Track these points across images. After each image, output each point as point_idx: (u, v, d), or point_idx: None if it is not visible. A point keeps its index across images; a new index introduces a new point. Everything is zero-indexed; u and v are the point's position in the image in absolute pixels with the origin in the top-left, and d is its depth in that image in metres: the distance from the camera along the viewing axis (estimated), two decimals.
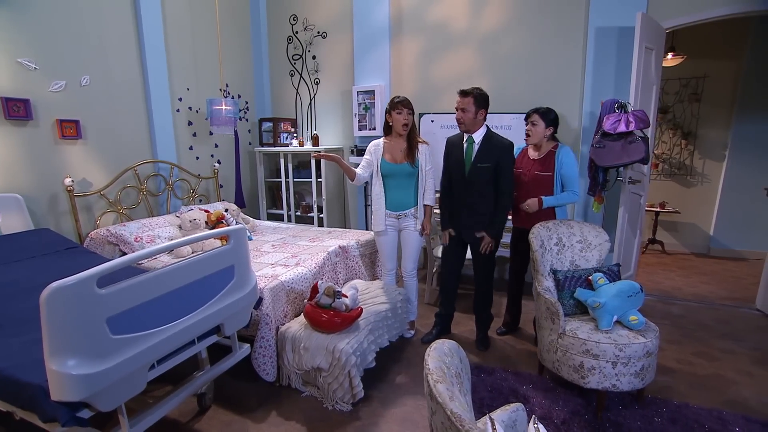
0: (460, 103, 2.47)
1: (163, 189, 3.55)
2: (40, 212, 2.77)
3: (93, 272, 1.30)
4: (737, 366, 2.54)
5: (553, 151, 2.61)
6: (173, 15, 3.60)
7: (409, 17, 3.92)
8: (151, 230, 2.97)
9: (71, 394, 1.26)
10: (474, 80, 3.74)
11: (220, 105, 3.55)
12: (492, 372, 2.48)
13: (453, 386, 0.99)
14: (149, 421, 1.60)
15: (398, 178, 2.64)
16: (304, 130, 4.52)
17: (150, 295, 1.50)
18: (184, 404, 2.20)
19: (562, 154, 2.58)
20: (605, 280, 2.26)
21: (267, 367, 2.25)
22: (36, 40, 2.70)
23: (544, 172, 2.61)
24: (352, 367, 2.08)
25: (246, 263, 1.94)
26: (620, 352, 2.00)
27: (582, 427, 2.02)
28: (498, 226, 2.54)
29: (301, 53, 4.38)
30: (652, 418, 2.07)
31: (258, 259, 2.77)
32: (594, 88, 3.39)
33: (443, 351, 1.08)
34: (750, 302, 3.38)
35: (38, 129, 2.73)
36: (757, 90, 4.24)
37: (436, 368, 0.96)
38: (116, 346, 1.38)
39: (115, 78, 3.18)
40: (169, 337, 1.56)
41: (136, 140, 3.38)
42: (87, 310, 1.30)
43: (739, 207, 4.51)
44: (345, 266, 2.98)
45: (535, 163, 2.65)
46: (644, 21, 2.93)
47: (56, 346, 1.25)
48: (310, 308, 2.20)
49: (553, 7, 3.46)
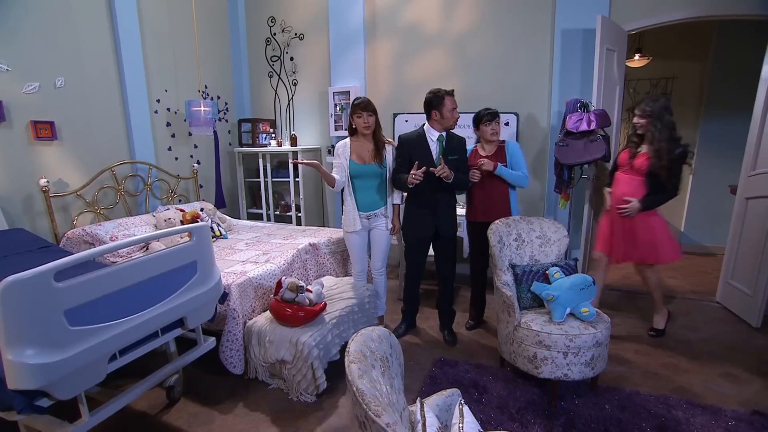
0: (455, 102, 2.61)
1: (141, 189, 3.60)
2: (14, 212, 2.82)
3: (49, 267, 1.37)
4: (690, 355, 2.65)
5: (501, 146, 2.82)
6: (150, 17, 3.65)
7: (383, 19, 4.00)
8: (127, 229, 3.03)
9: (27, 383, 1.33)
10: (446, 81, 3.83)
11: (198, 106, 3.61)
12: (455, 365, 2.57)
13: (374, 369, 1.07)
14: (110, 410, 1.67)
15: (367, 179, 2.70)
16: (283, 130, 4.58)
17: (109, 289, 1.57)
18: (153, 397, 2.27)
19: (511, 146, 2.82)
20: (561, 274, 2.36)
21: (234, 361, 2.32)
22: (8, 42, 2.74)
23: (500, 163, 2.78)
24: (315, 360, 2.16)
25: (209, 259, 2.01)
26: (571, 342, 2.09)
27: (536, 414, 2.11)
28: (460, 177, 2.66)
29: (279, 55, 4.45)
30: (603, 406, 2.17)
31: (230, 257, 2.84)
32: (561, 89, 3.49)
33: (370, 337, 1.16)
34: (711, 295, 3.50)
35: (12, 130, 2.78)
36: (721, 91, 4.37)
37: (356, 351, 1.04)
38: (74, 337, 1.45)
39: (90, 79, 3.23)
40: (128, 329, 1.63)
41: (113, 141, 3.43)
42: (44, 302, 1.36)
43: (707, 204, 4.64)
44: (315, 263, 3.05)
45: (489, 159, 2.76)
46: (604, 23, 3.04)
47: (12, 337, 1.31)
48: (275, 303, 2.27)
49: (521, 10, 3.56)
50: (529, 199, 3.77)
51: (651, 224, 2.69)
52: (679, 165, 2.57)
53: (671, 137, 2.55)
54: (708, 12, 3.09)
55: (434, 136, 2.62)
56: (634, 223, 2.71)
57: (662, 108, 2.56)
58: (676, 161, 2.54)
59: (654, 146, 2.56)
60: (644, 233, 2.69)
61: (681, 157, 2.55)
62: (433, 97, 2.56)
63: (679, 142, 2.57)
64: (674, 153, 2.52)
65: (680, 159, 2.56)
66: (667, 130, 2.55)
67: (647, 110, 2.59)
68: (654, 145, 2.56)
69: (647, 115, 2.59)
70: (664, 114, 2.56)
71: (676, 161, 2.54)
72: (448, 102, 2.55)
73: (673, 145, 2.54)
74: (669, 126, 2.55)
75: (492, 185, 2.77)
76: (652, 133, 2.58)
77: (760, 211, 2.97)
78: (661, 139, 2.54)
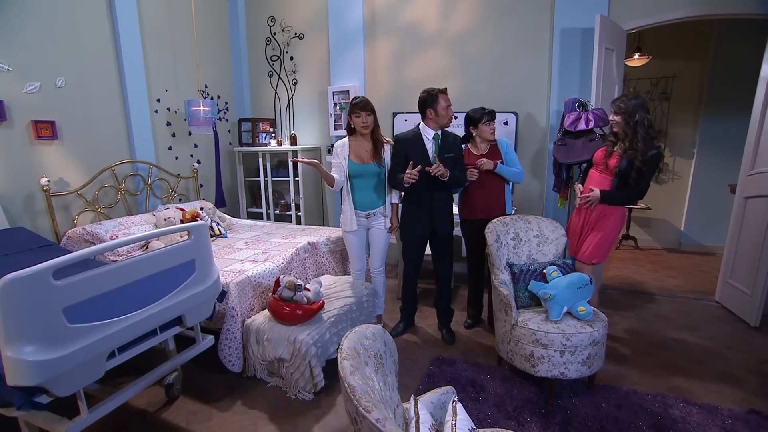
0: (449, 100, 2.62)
1: (141, 188, 3.62)
2: (15, 211, 2.84)
3: (47, 265, 1.38)
4: (688, 354, 2.65)
5: (494, 144, 2.84)
6: (150, 17, 3.67)
7: (383, 19, 4.01)
8: (127, 228, 3.05)
9: (26, 379, 1.34)
10: (445, 80, 3.82)
11: (198, 106, 3.63)
12: (453, 363, 2.58)
13: (367, 366, 1.08)
14: (109, 407, 1.69)
15: (365, 178, 2.71)
16: (283, 129, 4.60)
17: (108, 287, 1.59)
18: (153, 395, 2.29)
19: (504, 144, 2.85)
20: (558, 273, 2.36)
21: (233, 359, 2.33)
22: (9, 42, 2.76)
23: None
24: (312, 358, 2.17)
25: (207, 258, 2.03)
26: (567, 341, 2.10)
27: (532, 413, 2.12)
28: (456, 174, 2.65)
29: (279, 54, 4.46)
30: (600, 404, 2.17)
31: (229, 256, 2.86)
32: (560, 88, 3.49)
33: (364, 335, 1.18)
34: (710, 295, 3.50)
35: (12, 130, 2.80)
36: (721, 90, 4.37)
37: (349, 348, 1.05)
38: (73, 335, 1.47)
39: (91, 79, 3.25)
40: (127, 326, 1.64)
41: (113, 141, 3.45)
42: (42, 300, 1.38)
43: (707, 203, 4.64)
44: (314, 262, 3.06)
45: (484, 157, 2.78)
46: (603, 22, 3.04)
47: (12, 334, 1.33)
48: (273, 301, 2.29)
49: (520, 9, 3.56)
50: (527, 198, 3.77)
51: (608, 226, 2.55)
52: (650, 167, 2.41)
53: (646, 137, 2.40)
54: (707, 11, 3.08)
55: (430, 135, 2.63)
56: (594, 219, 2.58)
57: (637, 106, 2.41)
58: (647, 163, 2.39)
59: (625, 145, 2.42)
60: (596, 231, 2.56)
61: (653, 159, 2.40)
62: (427, 96, 2.58)
63: (653, 144, 2.42)
64: (646, 154, 2.37)
65: (652, 161, 2.40)
66: (642, 129, 2.39)
67: (621, 107, 2.44)
68: (625, 144, 2.42)
69: (621, 111, 2.44)
70: (637, 112, 2.39)
71: (647, 163, 2.39)
72: (442, 100, 2.57)
73: (647, 146, 2.39)
74: (643, 125, 2.40)
75: (491, 183, 2.79)
76: (624, 132, 2.43)
77: (758, 211, 2.97)
78: (634, 139, 2.39)
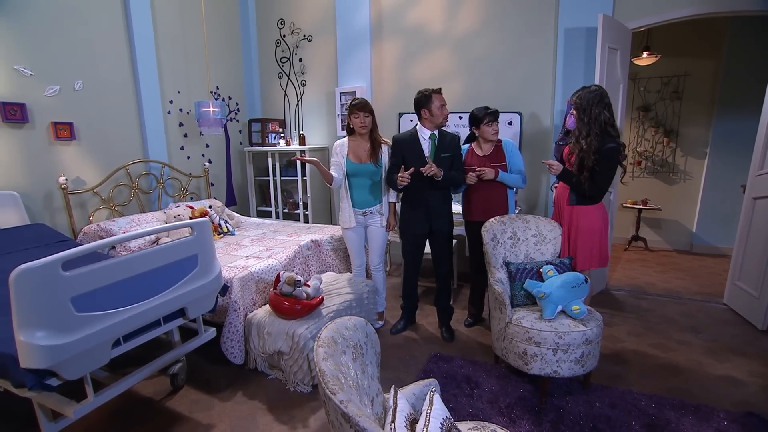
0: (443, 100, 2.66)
1: (154, 187, 3.77)
2: (35, 208, 3.00)
3: (57, 257, 1.49)
4: (690, 356, 2.62)
5: (498, 145, 2.81)
6: (164, 22, 3.81)
7: (389, 20, 4.06)
8: (139, 225, 3.18)
9: (37, 362, 1.45)
10: (450, 81, 3.87)
11: (207, 107, 3.75)
12: (450, 360, 2.61)
13: (344, 354, 1.14)
14: (114, 391, 1.79)
15: (363, 177, 2.78)
16: (292, 130, 4.70)
17: (114, 279, 1.69)
18: (158, 384, 2.40)
19: (509, 146, 2.82)
20: (555, 272, 2.37)
21: (235, 351, 2.42)
22: (31, 48, 2.92)
23: (499, 163, 2.79)
24: (310, 351, 2.24)
25: (210, 253, 2.12)
26: (560, 339, 2.11)
27: (525, 410, 2.14)
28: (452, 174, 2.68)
29: (288, 56, 4.56)
30: (594, 404, 2.18)
31: (235, 252, 2.95)
32: (564, 88, 3.49)
33: (345, 325, 1.23)
34: (719, 297, 3.44)
35: (34, 131, 2.96)
36: (735, 89, 4.27)
37: (326, 337, 1.11)
38: (80, 322, 1.57)
39: (107, 82, 3.40)
40: (131, 316, 1.74)
41: (128, 141, 3.60)
42: (52, 289, 1.48)
43: (720, 204, 4.54)
44: (317, 259, 3.14)
45: (487, 158, 2.79)
46: (607, 22, 3.03)
47: (24, 320, 1.44)
48: (273, 296, 2.37)
49: (524, 9, 3.57)
50: (532, 198, 3.77)
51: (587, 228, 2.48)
52: (606, 164, 2.26)
53: (601, 132, 2.27)
54: (715, 9, 3.04)
55: (426, 135, 2.68)
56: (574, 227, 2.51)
57: (592, 100, 2.27)
58: (600, 161, 2.25)
59: (579, 143, 2.31)
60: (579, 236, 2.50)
61: (608, 155, 2.24)
62: (421, 96, 2.63)
63: (614, 139, 2.28)
64: (601, 151, 2.24)
65: (607, 157, 2.24)
66: (596, 126, 2.27)
67: (576, 102, 2.32)
68: (580, 142, 2.30)
69: (576, 107, 2.32)
70: (592, 107, 2.26)
71: (601, 160, 2.25)
72: (435, 100, 2.61)
73: (601, 142, 2.25)
74: (599, 120, 2.26)
75: (492, 186, 2.79)
76: (578, 129, 2.32)
77: (767, 212, 2.91)
78: (588, 135, 2.27)
